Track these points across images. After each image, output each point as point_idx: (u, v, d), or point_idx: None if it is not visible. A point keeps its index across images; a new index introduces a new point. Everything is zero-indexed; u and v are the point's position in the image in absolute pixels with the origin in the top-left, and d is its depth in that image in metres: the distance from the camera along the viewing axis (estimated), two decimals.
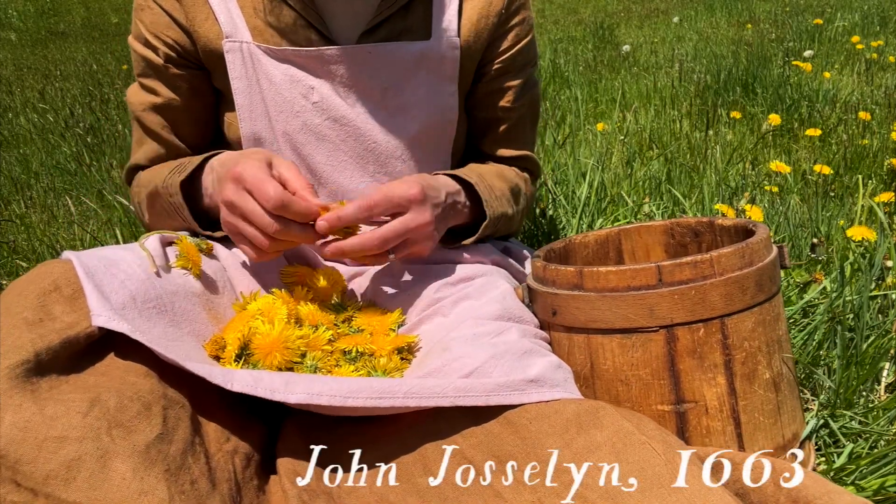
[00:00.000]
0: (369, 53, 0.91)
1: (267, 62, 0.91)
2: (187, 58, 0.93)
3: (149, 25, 0.92)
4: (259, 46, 0.90)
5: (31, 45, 7.08)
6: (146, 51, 0.93)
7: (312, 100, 0.91)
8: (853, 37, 4.50)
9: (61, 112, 4.10)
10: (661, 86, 3.71)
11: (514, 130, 1.06)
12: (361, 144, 0.94)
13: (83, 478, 0.55)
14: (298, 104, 0.91)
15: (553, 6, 8.24)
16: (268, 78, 0.91)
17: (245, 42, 0.90)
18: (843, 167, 2.32)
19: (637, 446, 0.60)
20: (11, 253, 1.90)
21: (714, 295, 0.73)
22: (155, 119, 0.96)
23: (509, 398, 0.67)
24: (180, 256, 0.81)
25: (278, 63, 0.91)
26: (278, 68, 0.91)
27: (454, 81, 0.97)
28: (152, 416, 0.61)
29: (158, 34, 0.92)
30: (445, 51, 0.95)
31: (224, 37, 0.90)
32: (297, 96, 0.91)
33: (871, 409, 0.98)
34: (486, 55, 1.00)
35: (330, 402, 0.64)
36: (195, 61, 0.94)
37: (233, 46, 0.90)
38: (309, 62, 0.91)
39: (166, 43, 0.92)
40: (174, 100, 0.95)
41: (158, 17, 0.91)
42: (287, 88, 0.91)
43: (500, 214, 0.96)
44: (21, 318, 0.63)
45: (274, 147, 0.94)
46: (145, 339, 0.66)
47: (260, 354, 0.74)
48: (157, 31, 0.92)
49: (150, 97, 0.95)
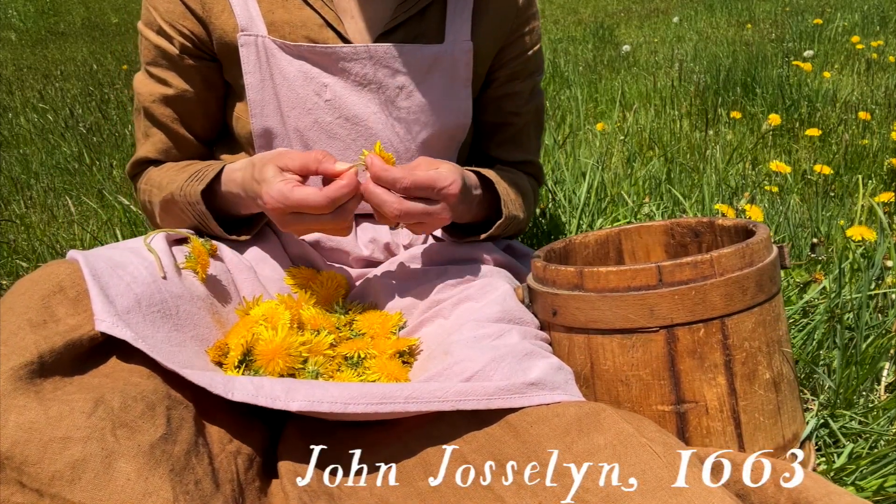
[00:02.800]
0: (384, 53, 0.92)
1: (281, 57, 0.90)
2: (202, 49, 0.93)
3: (163, 14, 0.91)
4: (274, 41, 0.90)
5: (31, 45, 7.07)
6: (160, 39, 0.92)
7: (325, 97, 0.92)
8: (853, 37, 4.50)
9: (61, 112, 4.10)
10: (661, 86, 3.71)
11: (520, 136, 1.07)
12: (371, 144, 0.95)
13: (88, 478, 0.55)
14: (311, 101, 0.92)
15: (553, 6, 8.24)
16: (281, 73, 0.91)
17: (261, 36, 0.90)
18: (843, 167, 2.32)
19: (637, 448, 0.60)
20: (11, 253, 1.90)
21: (714, 295, 0.73)
22: (165, 111, 0.95)
23: (510, 401, 0.67)
24: (189, 258, 0.81)
25: (293, 59, 0.91)
26: (293, 64, 0.91)
27: (468, 86, 0.97)
28: (156, 416, 0.61)
29: (174, 23, 0.91)
30: (459, 55, 0.95)
31: (239, 30, 0.90)
32: (310, 93, 0.91)
33: (871, 409, 0.98)
34: (497, 61, 1.01)
35: (330, 408, 0.64)
36: (209, 53, 0.93)
37: (248, 40, 0.90)
38: (323, 59, 0.91)
39: (182, 33, 0.91)
40: (187, 91, 0.94)
41: (174, 6, 0.90)
42: (300, 85, 0.91)
43: (513, 217, 0.97)
44: (25, 320, 0.63)
45: (284, 143, 0.94)
46: (147, 346, 0.65)
47: (262, 361, 0.74)
48: (172, 21, 0.91)
49: (161, 88, 0.94)
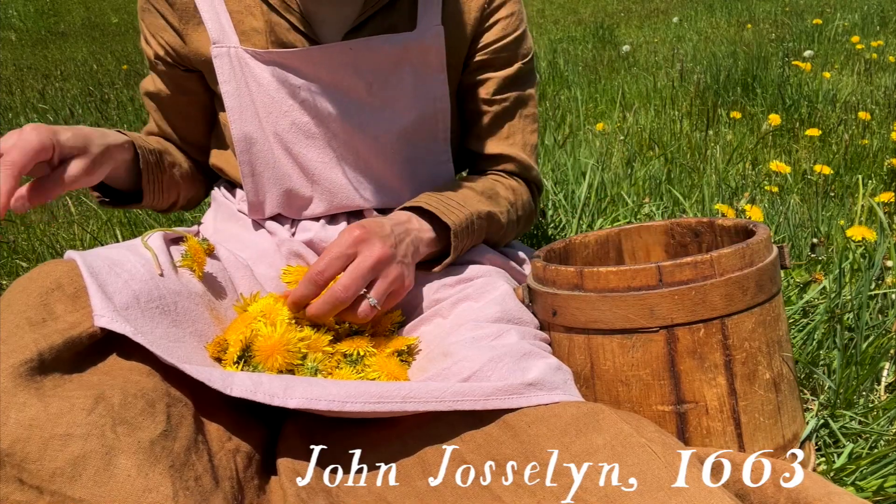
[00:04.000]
0: (350, 50, 0.92)
1: (254, 65, 0.93)
2: (178, 60, 0.99)
3: (148, 25, 0.99)
4: (246, 50, 0.93)
5: (31, 45, 7.08)
6: (146, 47, 1.01)
7: (300, 98, 0.93)
8: (853, 37, 4.50)
9: (61, 112, 4.10)
10: (661, 86, 3.71)
11: (497, 126, 1.03)
12: (351, 140, 0.95)
13: (89, 475, 0.55)
14: (286, 104, 0.93)
15: (553, 6, 8.24)
16: (255, 80, 0.93)
17: (233, 47, 0.93)
18: (843, 167, 2.32)
19: (636, 449, 0.60)
20: (11, 253, 1.90)
21: (714, 295, 0.73)
22: (150, 103, 1.07)
23: (508, 402, 0.67)
24: (186, 256, 0.82)
25: (265, 65, 0.93)
26: (265, 70, 0.93)
27: (442, 70, 0.97)
28: (156, 412, 0.61)
29: (155, 34, 0.98)
30: (430, 41, 0.95)
31: (212, 42, 0.93)
32: (284, 96, 0.93)
33: (871, 409, 0.98)
34: (472, 47, 1.00)
35: (328, 406, 0.64)
36: (186, 63, 0.99)
37: (221, 52, 0.94)
38: (294, 62, 0.93)
39: (160, 44, 0.98)
40: (163, 91, 1.03)
41: (156, 20, 0.97)
42: (274, 89, 0.93)
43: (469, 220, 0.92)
44: (24, 318, 0.63)
45: (265, 147, 0.95)
46: (146, 340, 0.66)
47: (261, 357, 0.75)
48: (154, 32, 0.98)
49: (148, 84, 1.05)
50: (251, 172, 0.96)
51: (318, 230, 0.98)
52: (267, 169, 0.96)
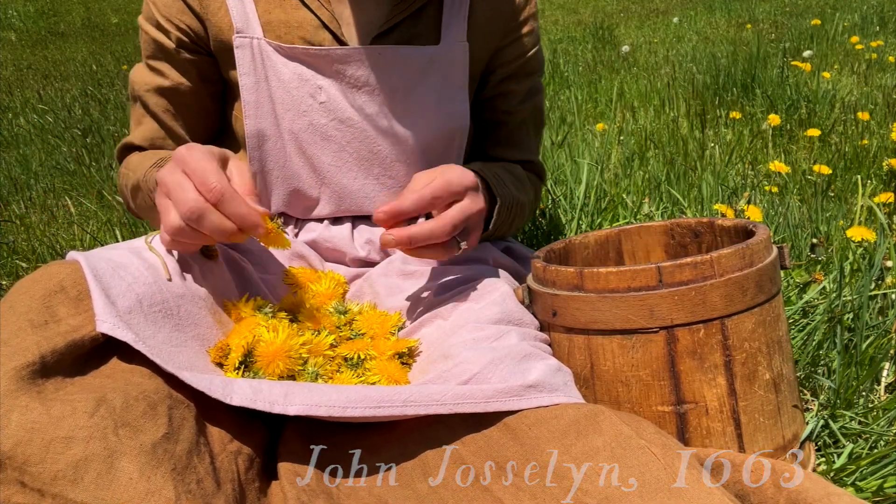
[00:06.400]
0: (379, 55, 0.91)
1: (277, 59, 0.91)
2: (199, 44, 0.94)
3: (161, 9, 0.92)
4: (270, 43, 0.90)
5: (31, 45, 7.07)
6: (158, 34, 0.94)
7: (320, 99, 0.91)
8: (852, 37, 4.50)
9: (61, 112, 4.10)
10: (661, 86, 3.71)
11: (516, 135, 1.07)
12: (367, 147, 0.94)
13: (91, 478, 0.55)
14: (306, 103, 0.91)
15: (553, 6, 8.24)
16: (276, 75, 0.91)
17: (256, 38, 0.90)
18: (843, 167, 2.33)
19: (636, 450, 0.60)
20: (11, 253, 1.90)
21: (714, 296, 0.73)
22: (159, 101, 0.96)
23: (508, 404, 0.67)
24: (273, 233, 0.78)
25: (288, 61, 0.91)
26: (287, 66, 0.91)
27: (464, 88, 0.97)
28: (158, 415, 0.61)
29: (171, 18, 0.92)
30: (455, 56, 0.95)
31: (235, 31, 0.90)
32: (304, 95, 0.91)
33: (871, 409, 0.99)
34: (494, 62, 1.01)
35: (329, 412, 0.64)
36: (206, 48, 0.94)
37: (243, 42, 0.90)
38: (318, 61, 0.91)
39: (179, 28, 0.92)
40: (183, 84, 0.95)
41: (172, 2, 0.92)
42: (295, 87, 0.91)
43: (512, 199, 0.96)
44: (26, 320, 0.63)
45: (278, 144, 0.94)
46: (147, 347, 0.65)
47: (263, 363, 0.74)
48: (169, 15, 0.92)
49: (158, 79, 0.96)
50: (260, 169, 0.94)
51: (321, 230, 0.98)
52: (276, 167, 0.95)
